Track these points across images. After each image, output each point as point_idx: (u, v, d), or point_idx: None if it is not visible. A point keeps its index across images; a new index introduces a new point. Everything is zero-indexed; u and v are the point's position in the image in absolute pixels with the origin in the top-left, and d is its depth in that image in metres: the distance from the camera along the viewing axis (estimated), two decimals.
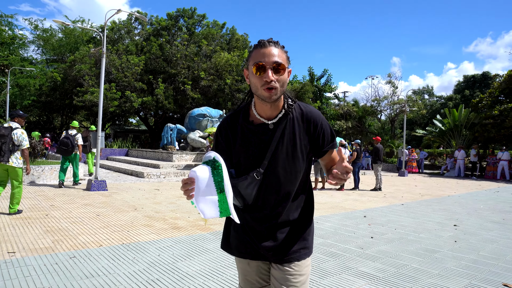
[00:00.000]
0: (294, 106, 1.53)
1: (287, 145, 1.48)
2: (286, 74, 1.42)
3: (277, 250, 1.51)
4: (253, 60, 1.40)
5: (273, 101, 1.41)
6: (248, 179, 1.46)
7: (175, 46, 24.39)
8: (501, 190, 12.95)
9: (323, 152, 1.55)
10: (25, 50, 29.23)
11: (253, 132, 1.50)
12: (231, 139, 1.53)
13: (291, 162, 1.49)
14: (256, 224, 1.53)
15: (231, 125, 1.54)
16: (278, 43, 1.43)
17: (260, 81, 1.38)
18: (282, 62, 1.38)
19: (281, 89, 1.41)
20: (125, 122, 36.16)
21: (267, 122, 1.49)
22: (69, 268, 3.52)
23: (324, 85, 30.30)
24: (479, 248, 4.79)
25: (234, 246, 1.59)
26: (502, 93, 20.57)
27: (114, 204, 7.19)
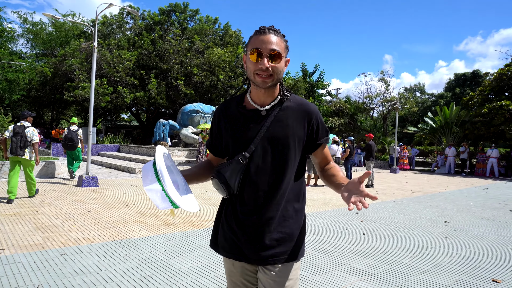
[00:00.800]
0: (290, 96, 1.50)
1: (278, 132, 1.43)
2: (282, 62, 1.40)
3: (262, 251, 1.41)
4: (251, 46, 1.39)
5: (267, 87, 1.40)
6: (233, 164, 1.41)
7: (167, 42, 24.18)
8: (490, 187, 13.13)
9: (316, 145, 1.52)
10: (14, 44, 28.74)
11: (244, 117, 1.47)
12: (223, 124, 1.51)
13: (281, 150, 1.43)
14: (242, 218, 1.45)
15: (225, 110, 1.53)
16: (278, 31, 1.41)
17: (255, 67, 1.37)
18: (279, 50, 1.37)
19: (277, 77, 1.40)
20: (117, 118, 35.83)
21: (260, 108, 1.46)
22: (59, 265, 3.48)
23: (316, 81, 30.34)
24: (469, 244, 4.85)
25: (221, 244, 1.52)
26: (492, 91, 20.81)
27: (106, 200, 7.13)
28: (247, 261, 1.45)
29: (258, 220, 1.43)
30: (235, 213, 1.47)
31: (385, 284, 3.30)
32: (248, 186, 1.43)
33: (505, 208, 8.15)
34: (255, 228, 1.43)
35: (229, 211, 1.49)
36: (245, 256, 1.45)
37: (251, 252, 1.43)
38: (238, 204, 1.46)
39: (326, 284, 3.27)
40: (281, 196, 1.44)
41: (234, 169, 1.41)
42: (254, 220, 1.43)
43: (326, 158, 1.59)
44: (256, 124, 1.44)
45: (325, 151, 1.58)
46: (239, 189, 1.44)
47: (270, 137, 1.42)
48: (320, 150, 1.55)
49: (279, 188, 1.44)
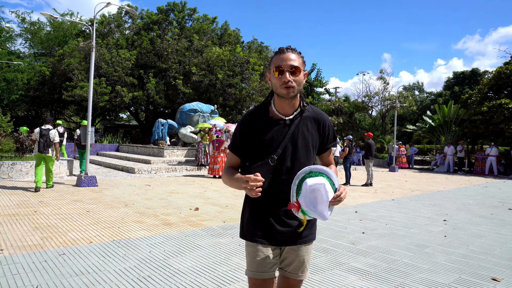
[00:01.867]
0: (308, 107, 1.78)
1: (300, 138, 1.72)
2: (301, 75, 1.67)
3: (294, 235, 1.73)
4: (274, 64, 1.66)
5: (290, 98, 1.66)
6: (263, 165, 1.66)
7: (166, 41, 24.13)
8: (489, 185, 13.15)
9: (325, 148, 1.84)
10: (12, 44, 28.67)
11: (273, 126, 1.73)
12: (254, 131, 1.73)
13: (303, 153, 1.73)
14: (272, 208, 1.71)
15: (253, 119, 1.75)
16: (295, 49, 1.69)
17: (279, 81, 1.63)
18: (298, 66, 1.63)
19: (298, 88, 1.66)
20: (116, 117, 35.77)
21: (285, 118, 1.73)
22: (58, 265, 3.47)
23: (314, 80, 30.33)
24: (468, 242, 4.86)
25: (249, 231, 1.76)
26: (490, 90, 20.82)
27: (105, 200, 7.12)
28: (277, 244, 1.74)
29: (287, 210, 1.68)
30: (265, 206, 1.73)
31: (384, 283, 3.30)
32: (276, 183, 1.69)
33: (504, 206, 8.16)
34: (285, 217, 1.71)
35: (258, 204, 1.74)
36: (274, 240, 1.73)
37: (282, 237, 1.72)
38: (268, 198, 1.71)
39: (326, 283, 3.26)
40: None
41: (265, 170, 1.65)
42: (284, 210, 1.71)
43: (330, 160, 1.90)
44: (282, 131, 1.72)
45: (330, 156, 1.90)
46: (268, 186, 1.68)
47: (294, 142, 1.72)
48: (327, 153, 1.88)
49: None
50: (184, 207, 6.71)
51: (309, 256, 1.84)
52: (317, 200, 1.48)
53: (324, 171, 1.55)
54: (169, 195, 8.13)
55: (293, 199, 1.53)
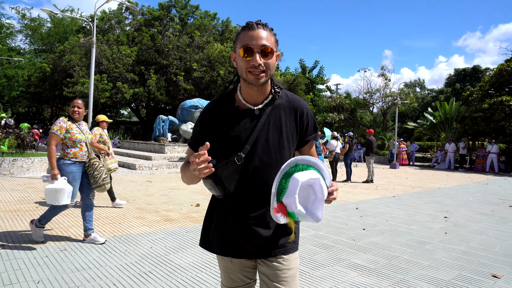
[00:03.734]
0: (281, 93, 1.50)
1: (272, 131, 1.44)
2: (274, 58, 1.38)
3: (263, 245, 1.45)
4: (241, 43, 1.35)
5: (260, 85, 1.38)
6: (228, 164, 1.38)
7: (167, 37, 24.10)
8: (490, 182, 13.14)
9: (304, 141, 1.53)
10: (12, 40, 28.68)
11: (238, 118, 1.44)
12: (216, 124, 1.46)
13: (276, 150, 1.44)
14: (241, 216, 1.44)
15: (216, 110, 1.48)
16: (266, 25, 1.38)
17: (247, 64, 1.34)
18: (270, 46, 1.34)
19: (269, 72, 1.37)
20: (117, 114, 35.79)
21: (253, 108, 1.45)
22: (59, 261, 3.48)
23: (316, 77, 30.28)
24: (469, 239, 4.86)
25: (216, 243, 1.50)
26: (492, 87, 20.76)
27: (106, 196, 7.12)
28: (247, 257, 1.47)
29: (257, 218, 1.44)
30: (232, 212, 1.46)
31: (385, 279, 3.31)
32: (245, 186, 1.42)
33: (504, 203, 8.16)
34: (255, 225, 1.44)
35: (224, 210, 1.48)
36: (245, 253, 1.46)
37: (252, 248, 1.44)
38: (235, 203, 1.45)
39: (326, 279, 3.27)
40: None
41: (230, 170, 1.38)
42: (253, 217, 1.44)
43: (312, 156, 1.55)
44: (250, 124, 1.43)
45: (312, 149, 1.58)
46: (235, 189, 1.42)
47: (265, 136, 1.43)
48: (307, 147, 1.56)
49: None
50: (185, 203, 6.72)
51: (293, 271, 1.48)
52: (309, 198, 1.26)
53: (312, 163, 1.29)
54: (170, 191, 8.14)
55: (274, 201, 1.25)
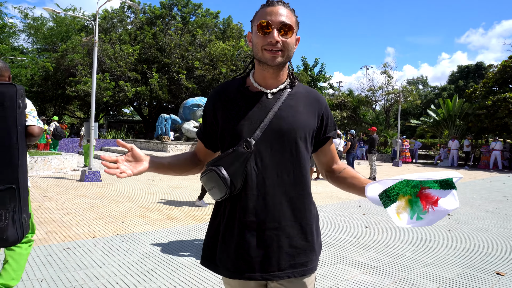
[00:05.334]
0: (297, 83, 1.32)
1: (288, 119, 1.22)
2: (293, 38, 1.22)
3: (277, 265, 1.19)
4: (258, 19, 1.20)
5: (276, 65, 1.20)
6: (235, 153, 1.16)
7: (169, 36, 24.10)
8: (493, 179, 13.08)
9: (325, 138, 1.33)
10: (15, 39, 28.78)
11: (247, 99, 1.24)
12: (220, 109, 1.26)
13: (293, 141, 1.22)
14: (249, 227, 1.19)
15: (223, 93, 1.29)
16: (288, 4, 1.24)
17: (263, 41, 1.18)
18: (290, 23, 1.19)
19: (287, 53, 1.21)
20: (119, 112, 35.88)
21: (266, 91, 1.25)
22: (62, 259, 3.49)
23: (318, 74, 30.22)
24: (472, 237, 4.84)
25: (222, 263, 1.23)
26: (495, 84, 20.63)
27: (108, 195, 7.15)
28: (257, 279, 1.20)
29: (271, 225, 1.19)
30: (240, 222, 1.20)
31: (388, 277, 3.30)
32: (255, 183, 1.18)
33: (508, 200, 8.12)
34: (267, 236, 1.19)
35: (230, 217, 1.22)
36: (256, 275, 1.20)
37: (262, 268, 1.19)
38: (241, 209, 1.19)
39: (329, 277, 3.27)
40: (297, 197, 1.23)
41: (237, 160, 1.16)
42: (265, 225, 1.19)
43: (334, 156, 1.40)
44: (262, 107, 1.22)
45: (333, 147, 1.39)
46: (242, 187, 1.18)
47: (279, 124, 1.21)
48: (328, 145, 1.37)
49: (295, 187, 1.22)
50: (188, 202, 6.72)
51: None
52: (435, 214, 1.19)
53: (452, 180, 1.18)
54: (173, 189, 8.15)
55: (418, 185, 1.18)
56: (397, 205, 1.16)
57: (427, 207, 1.17)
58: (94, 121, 9.55)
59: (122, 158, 1.17)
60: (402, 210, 1.17)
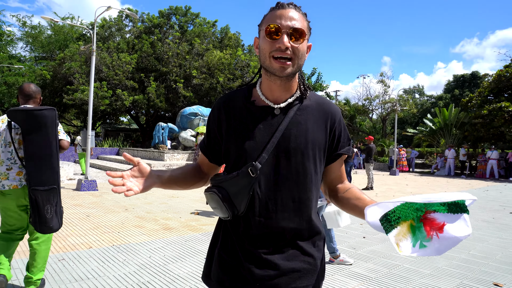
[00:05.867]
0: (309, 94, 1.22)
1: (296, 137, 1.14)
2: (305, 45, 1.13)
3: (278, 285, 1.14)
4: (267, 23, 1.11)
5: (285, 75, 1.11)
6: (239, 176, 1.12)
7: (166, 44, 24.21)
8: (490, 188, 13.11)
9: (335, 155, 1.24)
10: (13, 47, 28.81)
11: (253, 115, 1.17)
12: (224, 120, 1.20)
13: (301, 160, 1.14)
14: (251, 245, 1.15)
15: (228, 105, 1.21)
16: (300, 8, 1.15)
17: (271, 46, 1.09)
18: (302, 28, 1.09)
19: (298, 62, 1.11)
20: (116, 121, 35.83)
21: (273, 106, 1.17)
22: (57, 271, 3.45)
23: (315, 83, 30.38)
24: (470, 247, 4.83)
25: (217, 277, 1.19)
26: (491, 93, 20.81)
27: (105, 205, 7.10)
28: None
29: (273, 247, 1.15)
30: (239, 239, 1.17)
31: None
32: (258, 202, 1.14)
33: (505, 210, 8.13)
34: (269, 257, 1.14)
35: (230, 235, 1.19)
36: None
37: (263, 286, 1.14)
38: (245, 227, 1.15)
39: None
40: (302, 218, 1.17)
41: (242, 184, 1.12)
42: (266, 247, 1.15)
43: (342, 175, 1.28)
44: (268, 126, 1.15)
45: (342, 167, 1.28)
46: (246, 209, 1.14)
47: (286, 144, 1.14)
48: (338, 163, 1.26)
49: (300, 209, 1.16)
50: (184, 211, 6.69)
51: None
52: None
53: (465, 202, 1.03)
54: (169, 199, 8.11)
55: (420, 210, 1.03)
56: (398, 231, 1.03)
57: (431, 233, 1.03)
58: (91, 130, 9.53)
59: (127, 174, 1.10)
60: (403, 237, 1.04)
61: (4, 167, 2.81)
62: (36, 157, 2.71)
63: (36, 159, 2.71)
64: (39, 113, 2.69)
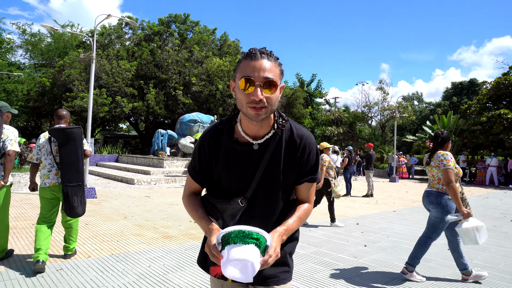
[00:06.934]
0: (287, 126, 1.38)
1: (272, 169, 1.36)
2: (277, 92, 1.26)
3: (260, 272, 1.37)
4: (241, 73, 1.23)
5: (260, 120, 1.27)
6: (232, 204, 1.37)
7: (166, 52, 24.30)
8: (490, 196, 13.08)
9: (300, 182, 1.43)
10: (12, 55, 28.88)
11: (237, 152, 1.37)
12: (213, 155, 1.41)
13: (275, 189, 1.39)
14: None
15: (215, 140, 1.40)
16: (271, 54, 1.26)
17: (247, 98, 1.22)
18: (274, 79, 1.22)
19: (271, 108, 1.26)
20: (115, 128, 35.81)
21: (252, 142, 1.35)
22: (55, 281, 3.40)
23: (314, 90, 30.47)
24: (472, 256, 4.79)
25: (210, 264, 1.46)
26: (489, 100, 20.90)
27: (104, 213, 7.05)
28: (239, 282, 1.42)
29: None
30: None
31: None
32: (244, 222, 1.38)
33: (506, 218, 8.10)
34: None
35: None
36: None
37: None
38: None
39: None
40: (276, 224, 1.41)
41: (232, 210, 1.38)
42: None
43: (308, 196, 1.47)
44: (250, 161, 1.36)
45: (311, 190, 1.47)
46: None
47: (265, 175, 1.37)
48: (303, 188, 1.45)
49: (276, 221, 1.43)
50: (184, 219, 6.64)
51: None
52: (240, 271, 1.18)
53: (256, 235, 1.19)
54: (169, 207, 8.06)
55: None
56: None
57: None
58: (90, 137, 9.50)
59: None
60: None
61: (46, 170, 3.91)
62: (67, 162, 3.79)
63: (67, 164, 3.79)
64: (70, 131, 3.81)
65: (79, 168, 3.84)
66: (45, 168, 3.91)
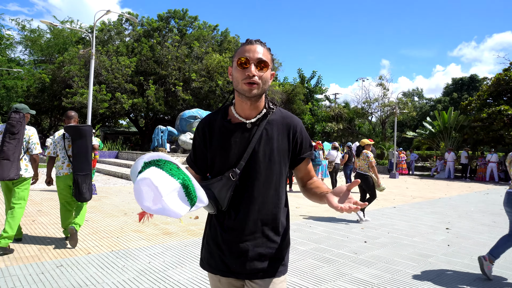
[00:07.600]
0: (275, 110, 1.52)
1: (264, 147, 1.45)
2: (268, 73, 1.42)
3: (251, 265, 1.44)
4: (238, 55, 1.41)
5: (253, 96, 1.39)
6: (223, 180, 1.41)
7: (166, 48, 24.21)
8: (490, 192, 13.09)
9: (299, 159, 1.53)
10: (12, 51, 28.72)
11: (230, 131, 1.47)
12: (208, 138, 1.50)
13: (268, 165, 1.45)
14: (230, 233, 1.46)
15: (209, 123, 1.52)
16: (265, 44, 1.45)
17: (242, 75, 1.38)
18: (266, 60, 1.39)
19: (263, 86, 1.40)
20: (115, 124, 35.75)
21: (245, 121, 1.46)
22: (55, 277, 3.40)
23: (315, 86, 30.39)
24: (472, 252, 4.79)
25: (206, 261, 1.53)
26: (490, 96, 20.84)
27: (104, 209, 7.05)
28: (235, 277, 1.47)
29: (247, 235, 1.45)
30: (222, 229, 1.48)
31: None
32: (236, 202, 1.44)
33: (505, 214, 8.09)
34: (243, 243, 1.44)
35: (215, 226, 1.51)
36: (232, 272, 1.46)
37: (239, 267, 1.44)
38: (225, 219, 1.47)
39: None
40: (269, 211, 1.47)
41: (224, 186, 1.41)
42: (242, 235, 1.44)
43: (309, 173, 1.58)
44: (243, 138, 1.45)
45: (309, 166, 1.58)
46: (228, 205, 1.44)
47: (258, 153, 1.44)
48: (303, 164, 1.56)
49: (267, 203, 1.46)
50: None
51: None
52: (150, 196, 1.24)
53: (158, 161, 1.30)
54: None
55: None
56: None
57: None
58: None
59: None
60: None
61: (60, 162, 4.58)
62: (78, 155, 4.42)
63: (78, 156, 4.42)
64: (82, 128, 4.50)
65: (88, 159, 4.49)
66: (59, 161, 4.59)
